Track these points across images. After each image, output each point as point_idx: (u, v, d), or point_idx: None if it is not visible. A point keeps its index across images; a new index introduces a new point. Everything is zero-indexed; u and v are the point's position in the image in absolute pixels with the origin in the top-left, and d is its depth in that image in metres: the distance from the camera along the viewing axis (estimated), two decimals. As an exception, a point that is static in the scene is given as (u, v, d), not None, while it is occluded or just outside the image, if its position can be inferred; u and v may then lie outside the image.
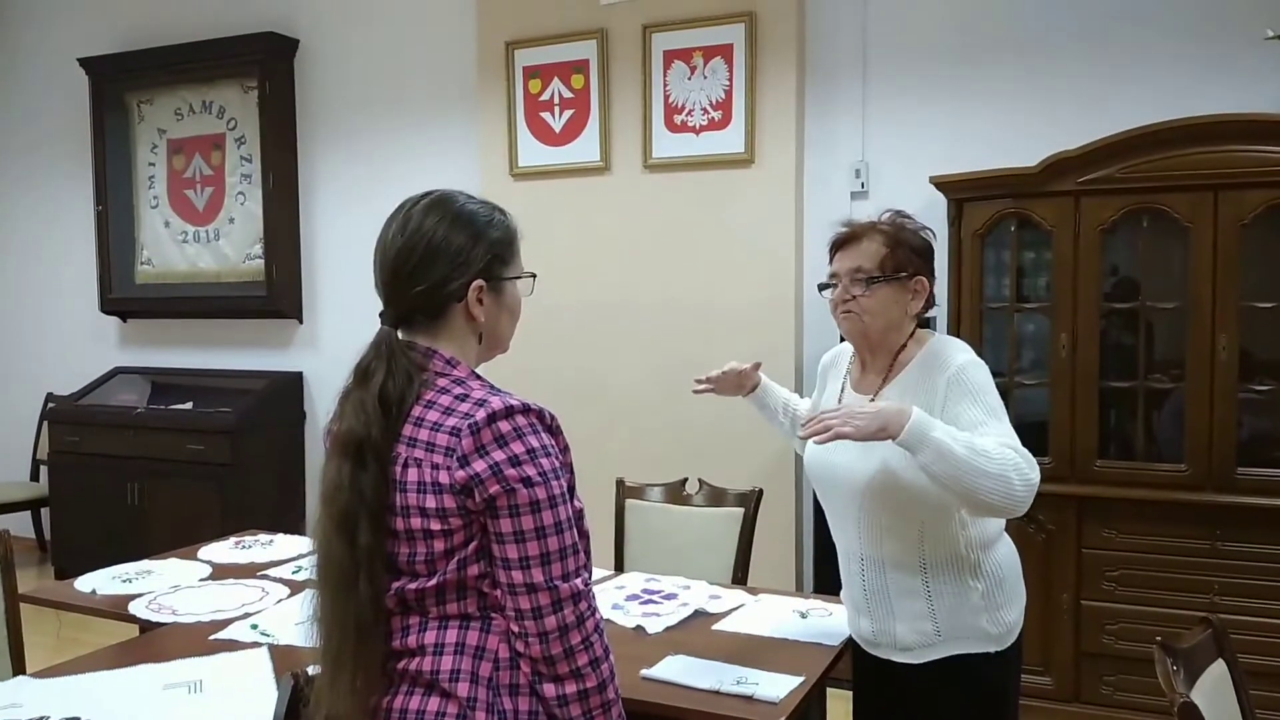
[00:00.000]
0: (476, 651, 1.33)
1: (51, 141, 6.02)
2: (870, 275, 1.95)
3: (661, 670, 2.02)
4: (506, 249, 1.46)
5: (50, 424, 5.62)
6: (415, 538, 1.34)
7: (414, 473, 1.33)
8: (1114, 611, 3.38)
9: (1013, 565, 2.02)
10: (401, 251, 1.40)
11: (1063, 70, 3.78)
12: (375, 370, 1.36)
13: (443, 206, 1.42)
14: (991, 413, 1.84)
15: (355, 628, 1.32)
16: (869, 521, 1.96)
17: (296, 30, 5.23)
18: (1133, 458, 3.42)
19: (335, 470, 1.34)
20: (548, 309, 4.47)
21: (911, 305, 1.98)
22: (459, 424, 1.31)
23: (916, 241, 1.99)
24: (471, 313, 1.42)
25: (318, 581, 1.35)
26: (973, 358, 1.92)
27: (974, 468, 1.70)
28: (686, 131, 4.20)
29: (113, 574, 2.75)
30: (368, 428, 1.33)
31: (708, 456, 3.95)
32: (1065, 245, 3.42)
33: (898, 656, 1.99)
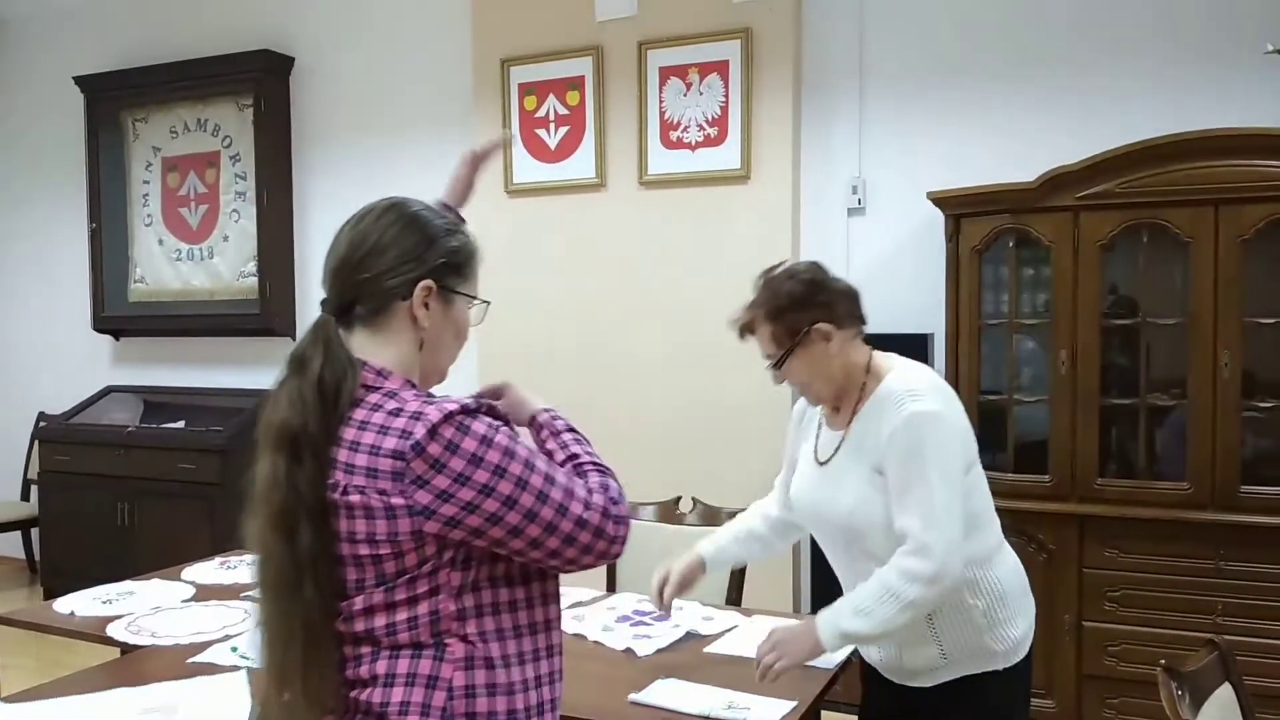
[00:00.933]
0: (429, 681, 1.25)
1: (46, 159, 6.00)
2: (776, 359, 1.94)
3: (650, 695, 1.96)
4: (463, 262, 1.41)
5: (40, 443, 5.57)
6: (363, 563, 1.26)
7: (358, 499, 1.25)
8: (1116, 633, 3.32)
9: (1014, 579, 1.98)
10: (352, 241, 1.36)
11: (1061, 85, 3.75)
12: (311, 358, 1.29)
13: (400, 209, 1.39)
14: (917, 479, 1.80)
15: (302, 632, 1.24)
16: (859, 552, 1.93)
17: (292, 48, 5.22)
18: (1134, 476, 3.37)
19: (269, 466, 1.26)
20: (542, 324, 4.44)
21: (832, 349, 1.91)
22: (400, 446, 1.23)
23: (795, 293, 1.91)
24: (415, 315, 1.35)
25: (259, 589, 1.28)
26: (918, 409, 1.82)
27: (889, 620, 1.79)
28: (682, 148, 4.18)
29: (94, 595, 2.69)
30: (304, 419, 1.26)
31: (705, 475, 3.90)
32: (1064, 261, 3.38)
33: (907, 681, 1.97)
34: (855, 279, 3.89)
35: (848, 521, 1.92)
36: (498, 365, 4.59)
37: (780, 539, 2.26)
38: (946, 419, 1.83)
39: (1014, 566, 2.00)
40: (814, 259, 2.04)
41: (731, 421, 4.06)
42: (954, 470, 1.81)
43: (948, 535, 1.77)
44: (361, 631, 1.28)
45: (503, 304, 4.83)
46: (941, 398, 1.87)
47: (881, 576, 1.81)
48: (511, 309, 4.54)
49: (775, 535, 2.25)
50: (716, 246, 4.11)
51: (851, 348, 1.94)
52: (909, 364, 1.96)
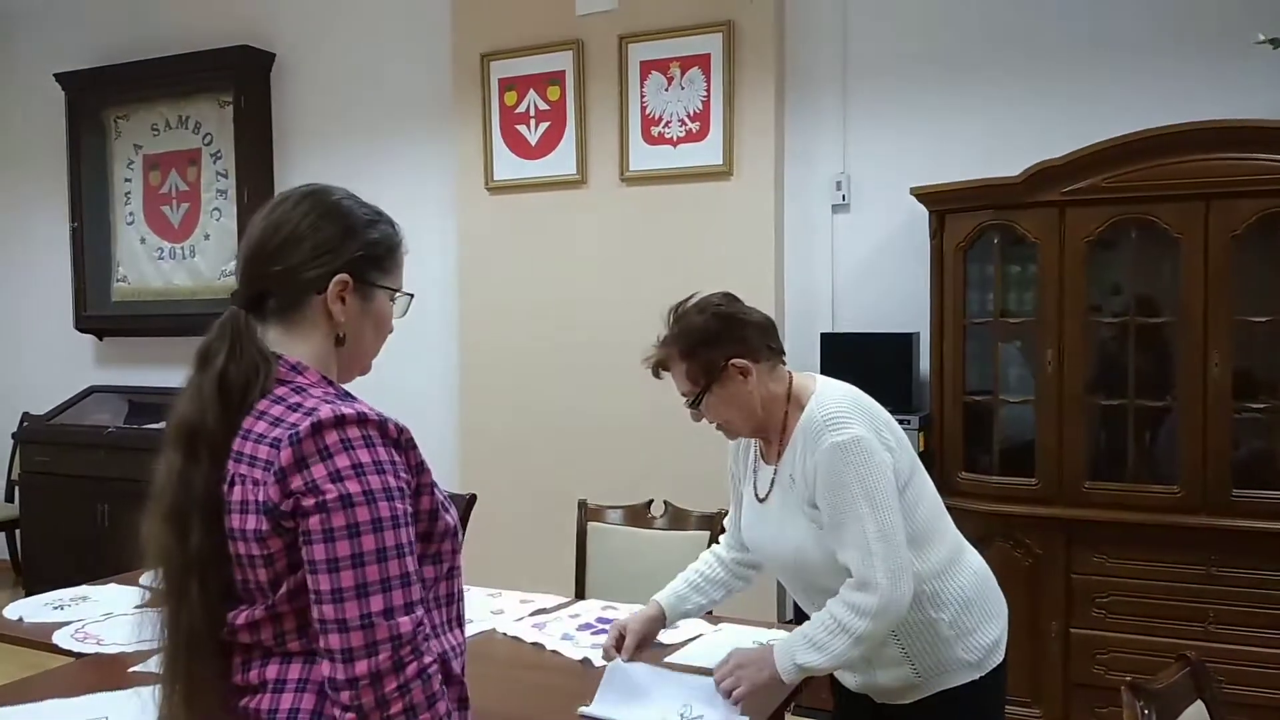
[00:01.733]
0: (322, 688, 1.18)
1: (27, 157, 5.93)
2: (692, 396, 1.88)
3: (600, 706, 1.88)
4: (384, 255, 1.34)
5: (22, 444, 5.51)
6: (244, 564, 1.20)
7: (238, 491, 1.19)
8: (1105, 640, 3.23)
9: (978, 585, 1.91)
10: (266, 230, 1.29)
11: (1047, 78, 3.67)
12: (216, 352, 1.23)
13: (318, 197, 1.32)
14: (848, 512, 1.74)
15: (187, 637, 1.18)
16: (813, 587, 1.88)
17: (272, 44, 5.15)
18: (1123, 479, 3.28)
19: (165, 463, 1.21)
20: (523, 323, 4.37)
21: (750, 384, 1.85)
22: (282, 435, 1.17)
23: (709, 328, 1.85)
24: (330, 309, 1.29)
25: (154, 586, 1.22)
26: (836, 439, 1.75)
27: (842, 654, 1.75)
28: (664, 143, 4.10)
29: (46, 600, 2.63)
30: (202, 415, 1.20)
31: (678, 478, 3.81)
32: (1050, 258, 3.29)
33: (887, 700, 1.93)
34: (840, 277, 3.96)
35: (795, 560, 1.88)
36: (477, 362, 4.52)
37: (740, 580, 2.17)
38: (866, 444, 1.76)
39: (976, 570, 1.93)
40: (726, 290, 1.96)
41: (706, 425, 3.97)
42: (884, 494, 1.74)
43: (887, 565, 1.71)
44: (250, 641, 1.22)
45: (482, 301, 4.82)
46: (862, 419, 1.80)
47: (831, 609, 1.77)
48: (490, 306, 4.48)
49: (734, 577, 2.16)
50: (698, 244, 4.03)
51: (770, 379, 1.89)
52: (827, 386, 1.89)
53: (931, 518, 1.88)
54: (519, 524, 4.28)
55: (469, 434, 4.53)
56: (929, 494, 1.90)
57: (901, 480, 1.81)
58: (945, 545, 1.89)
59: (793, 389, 1.90)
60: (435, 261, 4.61)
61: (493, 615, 2.49)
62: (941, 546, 1.87)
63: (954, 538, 1.93)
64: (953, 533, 1.94)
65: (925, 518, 1.86)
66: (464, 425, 4.54)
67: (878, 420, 1.83)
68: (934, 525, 1.88)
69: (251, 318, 1.27)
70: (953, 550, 1.90)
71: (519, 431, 4.41)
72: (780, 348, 1.92)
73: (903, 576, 1.72)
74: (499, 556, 3.86)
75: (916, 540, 1.82)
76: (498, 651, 2.26)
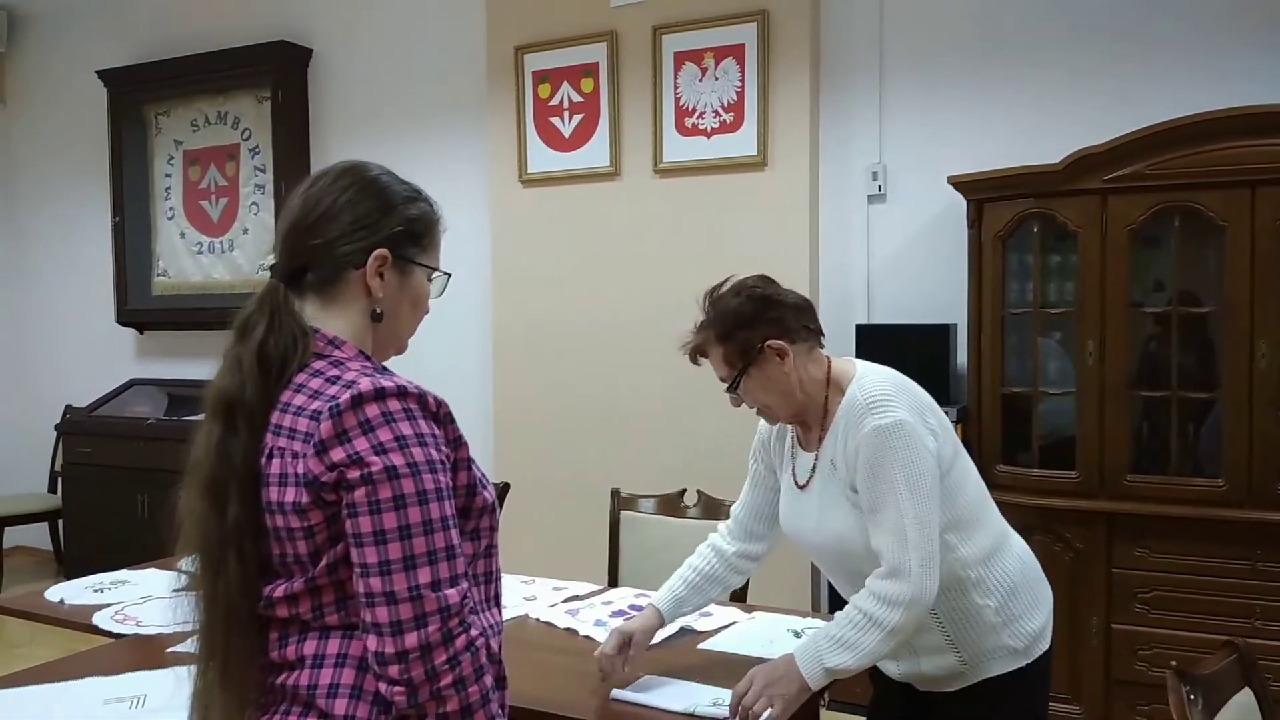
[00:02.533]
0: (361, 663, 1.18)
1: (70, 153, 6.04)
2: (730, 380, 1.86)
3: (633, 692, 1.88)
4: (423, 232, 1.34)
5: (64, 436, 5.61)
6: (281, 537, 1.20)
7: (276, 463, 1.19)
8: (1147, 636, 3.17)
9: (1023, 571, 1.88)
10: (305, 204, 1.29)
11: (1087, 63, 3.60)
12: (255, 324, 1.23)
13: (357, 172, 1.32)
14: (887, 496, 1.71)
15: (224, 611, 1.18)
16: (855, 572, 1.84)
17: (310, 39, 5.20)
18: (1166, 472, 3.21)
19: (205, 434, 1.21)
20: (556, 315, 4.38)
21: (787, 366, 1.82)
22: (321, 408, 1.17)
23: (744, 310, 1.83)
24: (369, 285, 1.28)
25: (192, 560, 1.22)
26: (878, 423, 1.73)
27: (874, 650, 1.70)
28: (698, 135, 4.08)
29: (86, 584, 2.67)
30: (242, 387, 1.20)
31: (711, 467, 3.79)
32: (1091, 247, 3.23)
33: (931, 689, 1.90)
34: (876, 268, 3.92)
35: (837, 547, 1.85)
36: (510, 355, 4.54)
37: (737, 574, 2.13)
38: (909, 427, 1.73)
39: (1021, 556, 1.90)
40: (764, 273, 1.93)
41: (740, 413, 3.95)
42: (925, 480, 1.71)
43: (922, 553, 1.69)
44: (287, 616, 1.21)
45: (515, 294, 4.83)
46: (906, 402, 1.77)
47: (858, 603, 1.73)
48: (524, 299, 4.48)
49: (731, 572, 2.12)
50: (732, 235, 4.01)
51: (809, 362, 1.86)
52: (869, 371, 1.86)
53: (976, 503, 1.84)
54: (552, 513, 4.29)
55: (503, 425, 4.54)
56: (973, 479, 1.87)
57: (945, 465, 1.78)
58: (990, 531, 1.86)
59: (832, 373, 1.87)
60: (469, 254, 4.62)
61: (526, 601, 2.49)
62: (986, 532, 1.84)
63: (999, 524, 1.90)
64: (997, 519, 1.90)
65: (969, 503, 1.83)
66: (498, 416, 4.55)
67: (921, 404, 1.80)
68: (978, 511, 1.85)
69: (290, 292, 1.27)
70: (998, 536, 1.87)
71: (552, 422, 4.41)
72: (819, 329, 1.89)
73: (933, 566, 1.69)
74: (532, 545, 3.87)
75: (960, 525, 1.80)
76: (531, 636, 2.26)
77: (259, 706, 1.23)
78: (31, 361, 6.31)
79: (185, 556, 1.23)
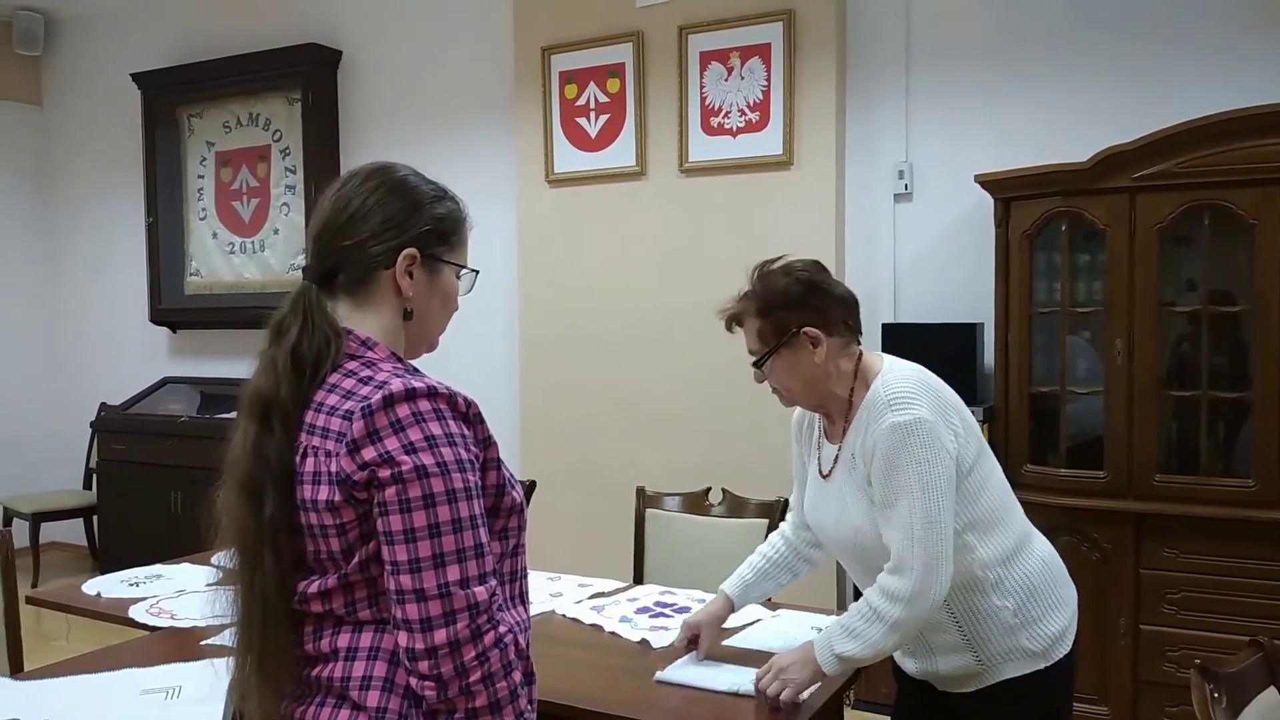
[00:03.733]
0: (393, 657, 1.20)
1: (106, 155, 6.14)
2: (759, 355, 1.86)
3: (676, 672, 1.94)
4: (450, 231, 1.36)
5: (99, 433, 5.70)
6: (315, 534, 1.22)
7: (310, 462, 1.22)
8: (1175, 637, 3.15)
9: (1045, 572, 1.87)
10: (334, 206, 1.31)
11: (1116, 59, 3.58)
12: (289, 326, 1.25)
13: (385, 173, 1.34)
14: (900, 492, 1.72)
15: (260, 606, 1.21)
16: (873, 567, 1.85)
17: (339, 41, 5.26)
18: (1195, 472, 3.19)
19: (241, 434, 1.24)
20: (583, 314, 4.40)
21: (818, 356, 1.82)
22: (354, 407, 1.19)
23: (790, 292, 1.82)
24: (399, 284, 1.31)
25: (229, 555, 1.26)
26: (897, 420, 1.73)
27: (878, 642, 1.74)
28: (723, 134, 4.09)
29: (121, 578, 2.72)
30: (277, 387, 1.23)
31: (736, 466, 3.81)
32: (1120, 245, 3.21)
33: (949, 689, 1.90)
34: (902, 267, 3.91)
35: (855, 540, 1.86)
36: (536, 353, 4.56)
37: (805, 563, 2.16)
38: (930, 426, 1.73)
39: (1044, 558, 1.89)
40: (815, 258, 1.94)
41: (766, 412, 3.95)
42: (939, 479, 1.71)
43: (929, 551, 1.69)
44: (321, 611, 1.24)
45: (542, 293, 4.85)
46: (928, 400, 1.77)
47: (867, 595, 1.77)
48: (550, 298, 4.51)
49: (800, 560, 2.15)
50: (758, 235, 4.01)
51: (841, 356, 1.86)
52: (895, 366, 1.86)
53: (998, 504, 1.84)
54: (578, 511, 4.31)
55: (528, 423, 4.57)
56: (996, 480, 1.86)
57: (966, 465, 1.78)
58: (1011, 532, 1.85)
59: (860, 367, 1.87)
60: (496, 254, 4.66)
61: (552, 598, 2.52)
62: (1007, 533, 1.84)
63: (1021, 525, 1.89)
64: (1021, 520, 1.90)
65: (991, 504, 1.82)
66: (524, 414, 4.58)
67: (945, 402, 1.80)
68: (1000, 512, 1.84)
69: (322, 293, 1.29)
70: (1019, 537, 1.86)
71: (578, 420, 4.44)
72: (858, 327, 1.89)
73: (940, 567, 1.70)
74: (558, 542, 3.89)
75: (980, 526, 1.80)
76: (557, 632, 2.28)
77: (295, 697, 1.26)
78: (67, 360, 6.42)
79: (223, 552, 1.26)
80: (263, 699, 1.23)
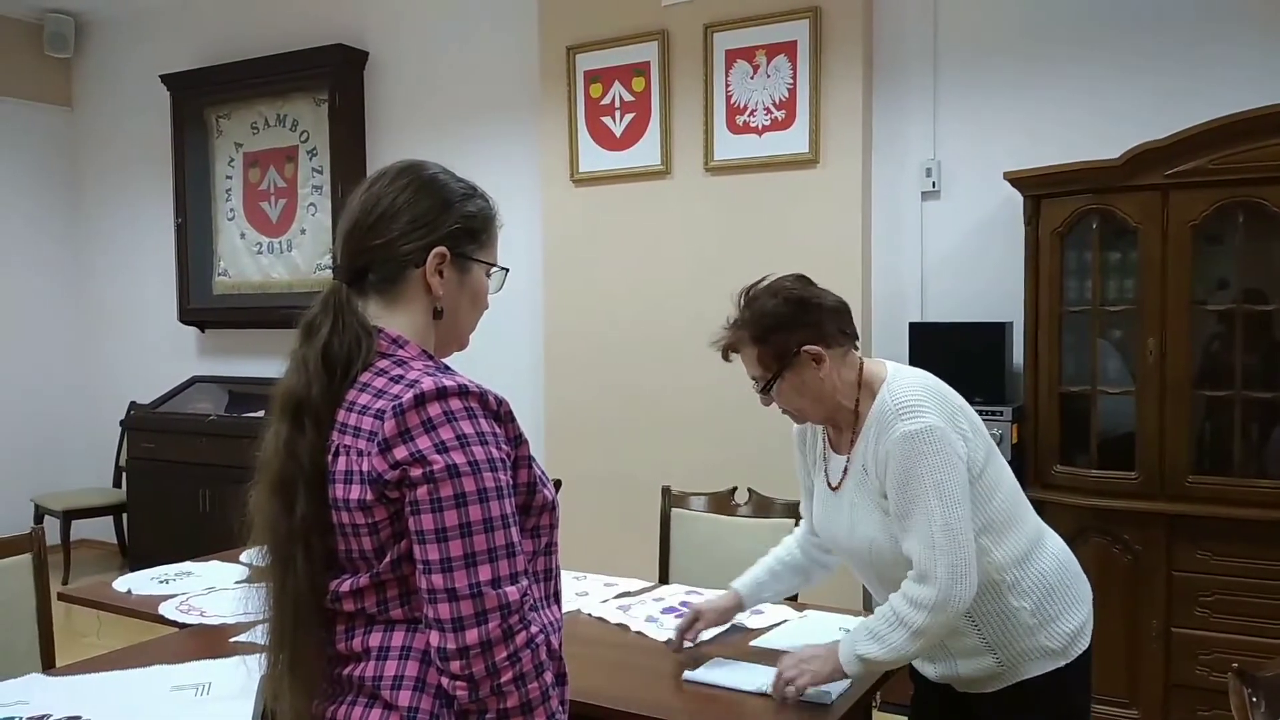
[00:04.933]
0: (425, 657, 1.20)
1: (135, 156, 6.20)
2: (764, 382, 1.84)
3: (705, 672, 1.95)
4: (480, 229, 1.36)
5: (129, 431, 5.76)
6: (347, 533, 1.22)
7: (342, 461, 1.21)
8: (1208, 640, 3.10)
9: (1060, 570, 1.86)
10: (364, 205, 1.31)
11: (1147, 55, 3.53)
12: (320, 325, 1.25)
13: (414, 171, 1.33)
14: (916, 502, 1.70)
15: (292, 605, 1.21)
16: (886, 578, 1.85)
17: (365, 42, 5.28)
18: (1229, 473, 3.14)
19: (273, 434, 1.24)
20: (608, 313, 4.40)
21: (822, 371, 1.81)
22: (385, 406, 1.19)
23: (781, 313, 1.81)
24: (429, 283, 1.30)
25: (261, 554, 1.26)
26: (908, 429, 1.71)
27: (900, 647, 1.73)
28: (749, 133, 4.07)
29: (151, 575, 2.74)
30: (308, 387, 1.22)
31: (762, 466, 3.79)
32: (1152, 244, 3.17)
33: (970, 690, 1.89)
34: (929, 265, 3.88)
35: (869, 553, 1.85)
36: (561, 352, 4.57)
37: (821, 568, 2.16)
38: (941, 433, 1.71)
39: (1058, 555, 1.88)
40: (803, 275, 1.91)
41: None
42: (954, 487, 1.70)
43: (951, 559, 1.68)
44: (353, 610, 1.24)
45: (567, 293, 4.86)
46: (936, 406, 1.75)
47: (892, 600, 1.75)
48: (575, 297, 4.51)
49: (815, 564, 2.15)
50: (784, 233, 4.00)
51: (843, 365, 1.84)
52: (900, 373, 1.84)
53: (1009, 505, 1.83)
54: (603, 510, 4.31)
55: (554, 422, 4.57)
56: (1006, 481, 1.84)
57: (977, 468, 1.77)
58: (1024, 532, 1.84)
59: (864, 375, 1.85)
60: (521, 254, 4.67)
61: (578, 597, 2.52)
62: (1021, 533, 1.83)
63: (1034, 524, 1.88)
64: (1032, 519, 1.88)
65: (1002, 505, 1.81)
66: (549, 413, 4.59)
67: (952, 407, 1.78)
68: (1012, 512, 1.83)
69: (352, 292, 1.29)
70: (1032, 537, 1.85)
71: (603, 420, 4.44)
72: (854, 332, 1.88)
73: (965, 573, 1.68)
74: (583, 542, 3.88)
75: (994, 528, 1.78)
76: (583, 631, 2.28)
77: (327, 696, 1.26)
78: (97, 359, 6.49)
79: (254, 550, 1.26)
80: (294, 697, 1.23)
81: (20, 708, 1.82)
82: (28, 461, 6.18)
